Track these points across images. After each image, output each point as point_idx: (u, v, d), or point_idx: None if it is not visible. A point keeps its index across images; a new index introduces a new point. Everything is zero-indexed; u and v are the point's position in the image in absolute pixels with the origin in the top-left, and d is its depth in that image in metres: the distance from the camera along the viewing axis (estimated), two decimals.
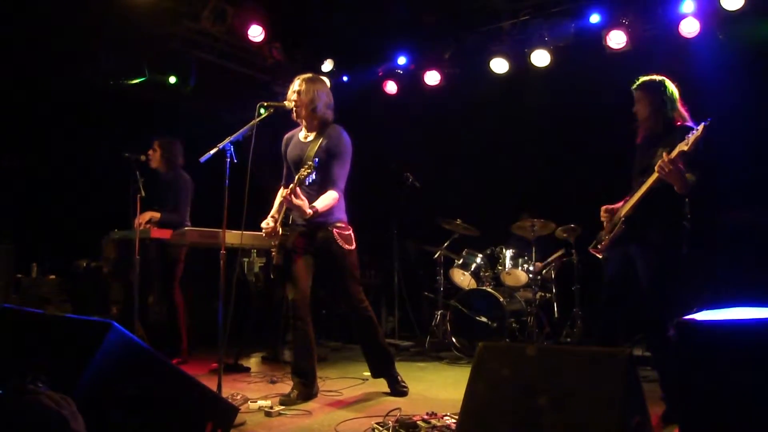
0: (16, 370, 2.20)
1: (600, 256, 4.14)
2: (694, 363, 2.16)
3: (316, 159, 4.06)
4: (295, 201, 4.01)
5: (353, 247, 4.36)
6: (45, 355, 2.31)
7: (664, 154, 3.61)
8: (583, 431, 2.16)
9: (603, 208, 4.14)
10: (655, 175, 3.68)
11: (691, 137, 3.47)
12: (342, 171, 4.32)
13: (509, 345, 4.74)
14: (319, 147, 4.27)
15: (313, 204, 4.12)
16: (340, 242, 4.26)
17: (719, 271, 5.67)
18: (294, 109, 4.33)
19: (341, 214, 4.38)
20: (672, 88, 3.91)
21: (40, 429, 1.47)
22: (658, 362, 3.89)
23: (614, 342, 3.97)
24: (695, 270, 5.80)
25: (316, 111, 4.33)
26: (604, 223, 4.12)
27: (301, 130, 4.49)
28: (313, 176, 4.00)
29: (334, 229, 4.26)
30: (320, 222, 4.24)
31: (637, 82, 4.01)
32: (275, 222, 4.26)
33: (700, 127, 3.44)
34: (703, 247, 5.72)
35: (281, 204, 4.38)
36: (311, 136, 4.38)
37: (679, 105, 3.90)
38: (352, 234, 4.40)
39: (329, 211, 4.24)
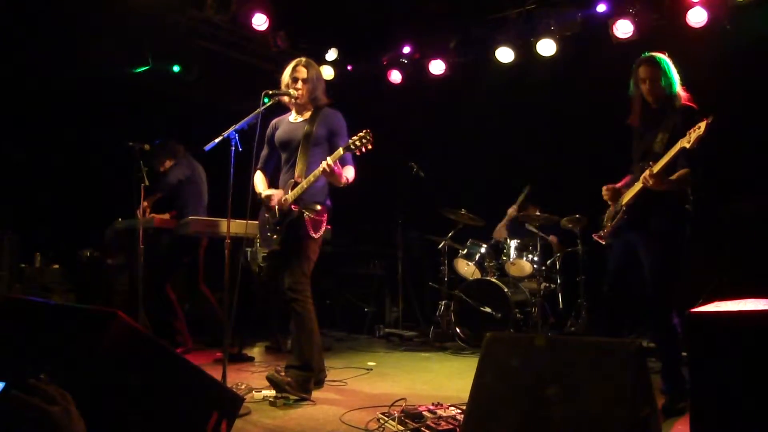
0: (20, 361, 2.18)
1: (603, 242, 4.12)
2: (705, 355, 2.14)
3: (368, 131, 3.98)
4: (336, 169, 3.98)
5: (318, 235, 4.22)
6: (49, 345, 2.30)
7: (647, 170, 3.63)
8: (593, 423, 2.15)
9: (605, 187, 4.12)
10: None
11: (693, 134, 3.39)
12: None
13: (517, 335, 4.73)
14: (318, 124, 4.24)
15: (345, 175, 4.11)
16: (309, 226, 4.15)
17: (725, 262, 5.64)
18: (297, 94, 4.28)
19: (323, 198, 4.28)
20: (673, 67, 3.89)
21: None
22: (661, 352, 3.87)
23: (619, 331, 3.96)
24: (699, 262, 5.81)
25: (317, 99, 4.33)
26: (608, 201, 4.10)
27: (290, 114, 4.45)
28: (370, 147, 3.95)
29: (308, 213, 4.17)
30: (299, 202, 4.16)
31: (643, 57, 3.97)
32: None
33: (703, 125, 3.36)
34: (709, 238, 5.72)
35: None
36: (302, 117, 4.35)
37: (679, 85, 3.86)
38: (324, 222, 4.27)
39: (311, 193, 4.16)
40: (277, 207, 4.24)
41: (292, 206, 4.15)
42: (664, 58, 3.90)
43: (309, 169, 4.12)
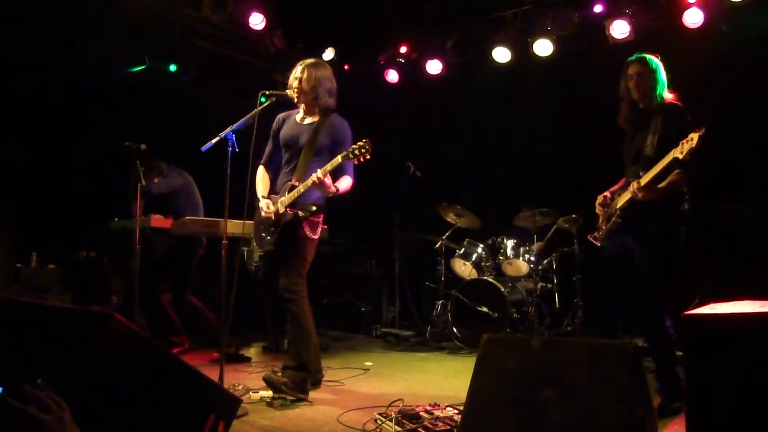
0: (15, 366, 2.18)
1: (598, 244, 4.15)
2: (700, 357, 2.14)
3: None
4: (326, 182, 3.95)
5: (316, 237, 4.21)
6: (46, 348, 2.29)
7: (635, 183, 3.67)
8: (589, 424, 2.16)
9: (598, 201, 4.14)
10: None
11: (686, 146, 3.42)
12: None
13: (514, 337, 4.73)
14: (323, 132, 4.20)
15: (336, 184, 4.07)
16: (306, 227, 4.14)
17: (718, 265, 5.65)
18: (295, 95, 4.25)
19: (319, 199, 4.22)
20: (663, 69, 3.92)
21: None
22: (656, 353, 3.89)
23: (614, 331, 3.97)
24: (694, 264, 5.82)
25: (318, 99, 4.25)
26: (600, 216, 4.13)
27: (298, 112, 4.39)
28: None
29: (303, 214, 4.13)
30: (294, 205, 4.14)
31: (635, 56, 4.00)
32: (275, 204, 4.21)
33: (695, 137, 3.38)
34: (705, 239, 5.73)
35: (270, 184, 4.39)
36: (309, 119, 4.30)
37: (666, 87, 3.91)
38: (321, 222, 4.25)
39: (306, 195, 4.13)
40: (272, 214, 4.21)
41: (288, 209, 4.12)
42: (654, 59, 3.93)
43: (308, 176, 4.07)
